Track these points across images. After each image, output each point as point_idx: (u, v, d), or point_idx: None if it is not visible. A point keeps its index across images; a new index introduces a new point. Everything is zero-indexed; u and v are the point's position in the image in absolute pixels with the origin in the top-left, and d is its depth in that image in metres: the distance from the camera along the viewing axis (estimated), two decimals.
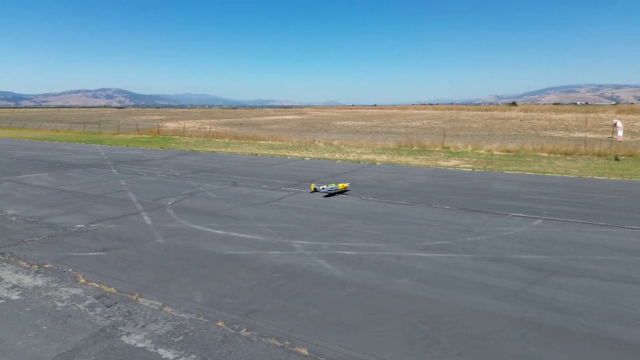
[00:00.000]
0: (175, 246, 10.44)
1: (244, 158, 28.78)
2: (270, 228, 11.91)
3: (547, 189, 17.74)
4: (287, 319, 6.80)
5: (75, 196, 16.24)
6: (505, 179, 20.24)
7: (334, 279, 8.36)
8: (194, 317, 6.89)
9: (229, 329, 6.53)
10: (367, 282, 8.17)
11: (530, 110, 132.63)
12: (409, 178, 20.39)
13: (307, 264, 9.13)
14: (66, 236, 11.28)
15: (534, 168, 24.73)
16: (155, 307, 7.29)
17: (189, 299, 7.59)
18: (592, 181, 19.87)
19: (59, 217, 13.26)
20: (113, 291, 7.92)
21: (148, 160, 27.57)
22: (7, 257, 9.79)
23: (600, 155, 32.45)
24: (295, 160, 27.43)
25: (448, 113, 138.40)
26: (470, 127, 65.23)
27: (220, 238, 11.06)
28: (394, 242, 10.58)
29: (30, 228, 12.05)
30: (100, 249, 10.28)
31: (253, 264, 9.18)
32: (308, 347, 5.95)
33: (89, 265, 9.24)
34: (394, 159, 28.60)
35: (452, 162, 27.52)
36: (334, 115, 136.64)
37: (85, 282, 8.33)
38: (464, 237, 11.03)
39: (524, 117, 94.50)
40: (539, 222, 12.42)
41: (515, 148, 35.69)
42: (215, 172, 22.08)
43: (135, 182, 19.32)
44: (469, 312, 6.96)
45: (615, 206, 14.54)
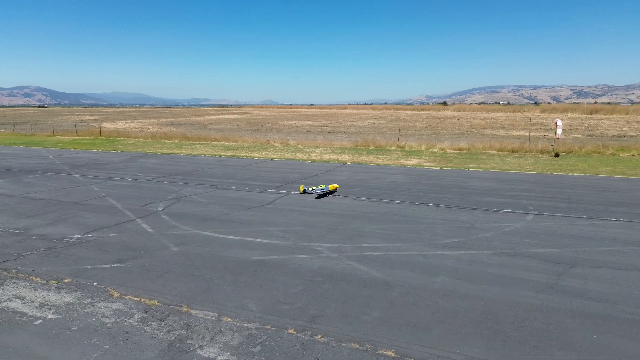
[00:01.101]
0: (195, 254, 10.13)
1: (209, 160, 28.10)
2: (281, 232, 11.83)
3: (519, 185, 18.85)
4: (353, 323, 6.86)
5: (50, 204, 15.20)
6: (476, 177, 21.25)
7: (376, 280, 8.50)
8: (260, 326, 6.78)
9: (302, 335, 6.49)
10: (409, 282, 8.38)
11: (462, 110, 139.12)
12: (387, 177, 20.89)
13: (341, 267, 9.20)
14: (67, 248, 10.60)
15: (491, 165, 26.09)
16: (213, 318, 7.08)
17: (243, 307, 7.44)
18: (554, 177, 21.34)
19: (45, 227, 12.39)
20: (157, 304, 7.60)
21: (107, 163, 26.21)
22: (13, 272, 9.06)
23: (543, 152, 34.73)
24: (264, 162, 27.20)
25: (387, 113, 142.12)
26: (415, 127, 67.45)
27: (237, 244, 10.84)
28: (411, 242, 10.88)
29: (21, 240, 11.18)
30: (115, 260, 9.76)
31: (287, 269, 9.11)
32: (394, 349, 6.06)
33: (113, 277, 8.77)
34: (358, 159, 29.08)
35: (413, 161, 28.41)
36: (276, 114, 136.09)
37: (120, 296, 7.91)
38: (473, 234, 11.54)
39: (460, 117, 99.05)
40: (531, 218, 13.23)
41: (466, 146, 37.37)
42: (188, 175, 21.43)
43: (108, 187, 18.36)
44: (521, 306, 7.36)
45: (587, 200, 15.75)
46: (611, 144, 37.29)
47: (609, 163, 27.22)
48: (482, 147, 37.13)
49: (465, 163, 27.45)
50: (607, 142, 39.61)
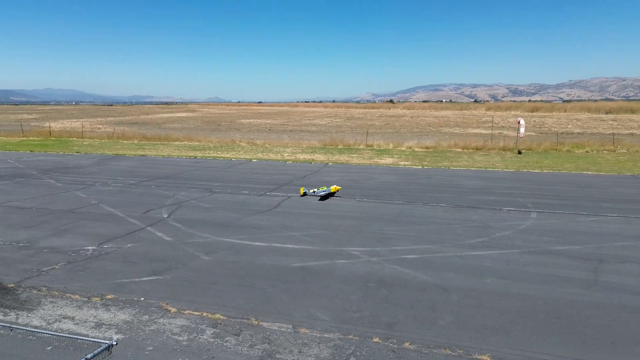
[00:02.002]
0: (230, 262, 9.89)
1: (185, 162, 27.30)
2: (305, 236, 11.76)
3: (504, 183, 19.67)
4: (431, 328, 6.97)
5: (41, 213, 14.29)
6: (460, 175, 21.93)
7: (429, 284, 8.66)
8: (342, 336, 6.75)
9: (389, 344, 6.53)
10: (462, 285, 8.60)
11: (412, 108, 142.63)
12: (377, 177, 21.16)
13: (387, 271, 9.29)
14: (89, 261, 10.03)
15: (463, 163, 27.00)
16: (288, 330, 6.97)
17: (313, 317, 7.36)
18: (531, 174, 22.41)
19: (51, 239, 11.66)
20: (221, 317, 7.37)
21: (77, 167, 24.87)
22: (44, 290, 8.49)
23: (505, 150, 36.31)
24: (244, 163, 26.76)
25: (339, 111, 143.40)
26: (374, 125, 68.51)
27: (267, 250, 10.67)
28: (439, 243, 11.13)
29: (32, 254, 10.46)
30: (149, 272, 9.35)
31: (334, 275, 9.09)
32: (488, 354, 6.22)
33: (157, 291, 8.41)
34: (333, 158, 29.21)
35: (388, 160, 28.92)
36: (228, 112, 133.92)
37: (178, 311, 7.61)
38: (492, 233, 11.97)
39: (412, 115, 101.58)
40: (536, 215, 13.88)
41: (432, 145, 38.40)
42: (173, 179, 20.75)
43: (94, 193, 17.46)
44: (578, 304, 7.75)
45: (574, 196, 16.70)
46: (565, 140, 39.49)
47: (570, 159, 28.90)
48: (448, 145, 38.23)
49: (439, 161, 28.25)
50: (558, 139, 41.98)
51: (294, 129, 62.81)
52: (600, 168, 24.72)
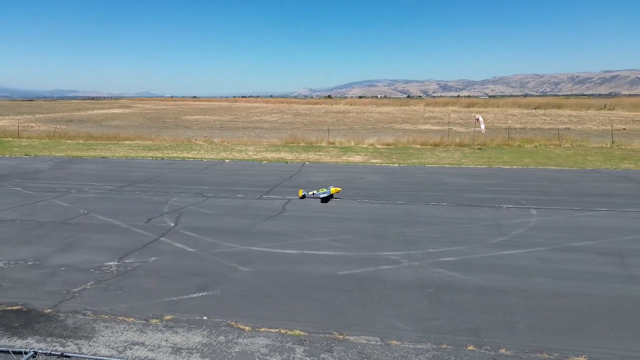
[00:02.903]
0: (273, 273, 9.62)
1: (154, 163, 26.06)
2: (332, 242, 11.66)
3: (486, 180, 20.52)
4: (516, 332, 7.13)
5: (30, 226, 13.14)
6: (439, 173, 22.61)
7: (484, 286, 8.88)
8: (435, 346, 6.80)
9: (485, 351, 6.65)
10: (515, 285, 8.90)
11: (355, 104, 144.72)
12: (363, 177, 21.31)
13: (436, 276, 9.43)
14: (120, 279, 9.38)
15: (429, 160, 27.83)
16: (378, 342, 6.91)
17: (394, 327, 7.35)
18: (504, 170, 23.52)
19: (61, 255, 10.77)
20: (302, 333, 7.17)
21: (37, 172, 23.03)
22: (90, 314, 7.85)
23: (461, 145, 37.83)
24: (219, 163, 25.97)
25: (282, 106, 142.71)
26: (325, 122, 68.81)
27: (304, 258, 10.49)
28: (466, 244, 11.44)
29: (50, 274, 9.62)
30: (195, 288, 8.90)
31: (388, 282, 9.10)
32: (585, 355, 6.49)
33: (216, 309, 8.03)
34: (302, 157, 29.08)
35: (357, 158, 29.26)
36: (167, 108, 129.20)
37: (253, 329, 7.31)
38: (509, 231, 12.48)
39: (358, 111, 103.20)
40: (535, 212, 14.61)
41: (392, 141, 39.20)
42: (153, 183, 19.77)
43: (76, 201, 16.29)
44: (629, 299, 8.25)
45: (558, 192, 17.74)
46: (514, 136, 41.72)
47: (525, 154, 30.62)
48: (407, 141, 39.16)
49: (406, 158, 28.95)
50: (504, 134, 44.32)
51: (246, 126, 61.82)
52: (558, 163, 26.42)
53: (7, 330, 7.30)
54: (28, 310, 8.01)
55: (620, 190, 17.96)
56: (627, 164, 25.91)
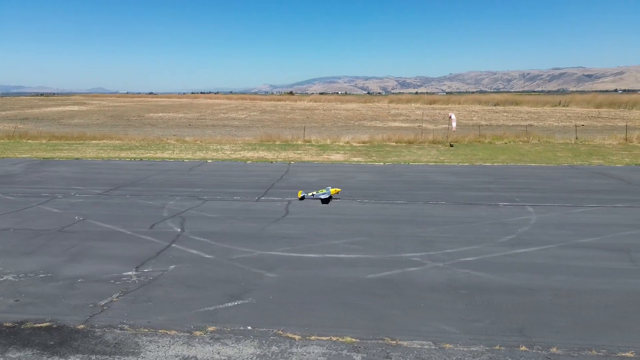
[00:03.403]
0: (301, 278, 9.57)
1: (134, 165, 25.24)
2: (349, 244, 11.69)
3: (472, 177, 21.03)
4: (559, 331, 7.35)
5: (27, 235, 12.52)
6: (426, 171, 23.00)
7: (513, 286, 9.12)
8: (487, 348, 6.94)
9: (536, 351, 6.84)
10: (541, 284, 9.18)
11: (318, 100, 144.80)
12: (353, 176, 21.40)
13: (462, 276, 9.62)
14: (146, 289, 9.09)
15: (409, 158, 28.20)
16: (431, 346, 7.01)
17: (442, 331, 7.46)
18: (487, 167, 24.19)
19: (72, 265, 10.32)
20: (354, 340, 7.17)
21: (9, 175, 21.90)
22: (128, 329, 7.57)
23: (435, 143, 38.53)
24: (202, 164, 25.44)
25: (246, 103, 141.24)
26: (295, 119, 68.61)
27: (327, 262, 10.47)
28: (479, 243, 11.72)
29: (68, 287, 9.21)
30: (226, 296, 8.74)
31: (420, 285, 9.21)
32: (632, 351, 6.76)
33: (257, 317, 7.91)
34: (282, 156, 28.91)
35: (338, 156, 29.36)
36: (127, 105, 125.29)
37: (304, 338, 7.26)
38: (514, 230, 12.87)
39: (324, 108, 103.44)
40: (532, 210, 15.13)
41: (367, 139, 39.45)
42: (140, 186, 19.19)
43: (67, 207, 15.62)
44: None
45: (544, 189, 18.42)
46: (485, 133, 42.88)
47: (499, 151, 31.55)
48: (382, 139, 39.49)
49: (385, 156, 29.32)
50: (472, 131, 45.53)
51: (215, 124, 60.82)
52: (533, 159, 27.41)
53: (44, 350, 6.95)
54: (59, 326, 7.65)
55: (602, 186, 18.85)
56: (596, 160, 27.18)
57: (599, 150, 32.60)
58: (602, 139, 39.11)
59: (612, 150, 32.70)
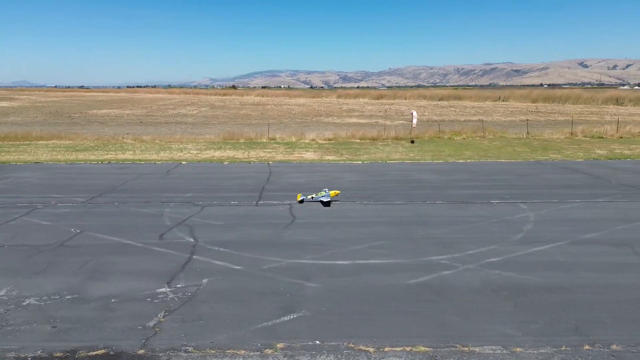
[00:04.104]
0: (342, 287, 9.58)
1: (106, 168, 23.94)
2: (373, 249, 11.78)
3: (454, 175, 21.68)
4: (609, 327, 7.85)
5: (27, 252, 11.65)
6: (404, 169, 23.47)
7: (548, 285, 9.57)
8: (556, 349, 7.28)
9: (599, 349, 7.28)
10: (572, 282, 9.71)
11: (266, 95, 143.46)
12: (340, 176, 21.41)
13: (495, 277, 9.98)
14: (190, 307, 8.76)
15: (378, 156, 28.66)
16: (502, 351, 7.27)
17: (505, 334, 7.74)
18: (462, 164, 25.04)
19: (97, 284, 9.75)
20: (427, 349, 7.32)
21: None
22: (193, 351, 7.30)
23: (398, 139, 39.35)
24: (178, 166, 24.49)
25: (190, 97, 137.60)
26: (249, 115, 67.69)
27: (361, 268, 10.52)
28: (496, 243, 12.14)
29: (103, 308, 8.71)
30: (277, 309, 8.60)
31: (461, 288, 9.47)
32: None
33: (319, 331, 7.86)
34: (252, 155, 28.46)
35: (310, 155, 29.34)
36: (61, 100, 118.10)
37: (378, 350, 7.31)
38: (520, 227, 13.47)
39: (275, 103, 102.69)
40: (525, 207, 15.87)
41: (332, 136, 39.66)
42: (123, 192, 18.27)
43: (54, 217, 14.65)
44: None
45: (524, 185, 19.37)
46: (439, 128, 44.17)
47: (462, 147, 32.67)
48: (346, 136, 39.86)
49: (356, 154, 29.69)
50: (431, 127, 46.93)
51: (167, 121, 58.76)
52: (497, 155, 28.73)
53: None
54: (117, 353, 7.23)
55: (575, 181, 20.11)
56: (553, 154, 28.92)
57: (551, 144, 34.63)
58: (550, 133, 41.62)
59: (562, 144, 34.85)
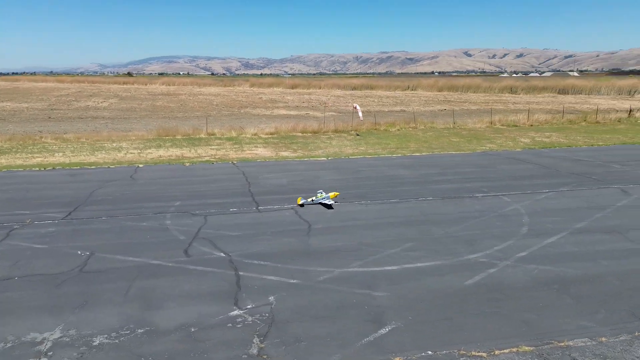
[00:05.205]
0: (410, 292, 9.95)
1: (53, 176, 21.65)
2: (405, 251, 12.23)
3: (424, 170, 22.72)
4: None
5: (46, 283, 10.50)
6: (372, 165, 24.13)
7: (586, 276, 10.69)
8: (631, 335, 8.31)
9: None
10: (600, 271, 10.95)
11: (172, 84, 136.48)
12: (319, 175, 21.32)
13: (537, 273, 10.89)
14: (278, 329, 8.61)
15: (331, 150, 29.19)
16: (593, 342, 8.12)
17: (582, 327, 8.61)
18: (423, 158, 26.29)
19: (158, 315, 9.15)
20: (529, 349, 7.97)
21: None
22: None
23: (339, 132, 40.05)
24: (138, 170, 22.87)
25: (88, 87, 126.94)
26: (169, 108, 64.50)
27: (412, 274, 10.92)
28: (509, 238, 13.18)
29: (187, 339, 8.28)
30: (369, 324, 8.77)
31: (516, 285, 10.23)
32: None
33: (423, 340, 8.21)
34: (201, 154, 27.48)
35: (261, 151, 29.02)
36: None
37: (489, 354, 7.83)
38: (519, 221, 14.71)
39: (188, 92, 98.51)
40: (508, 199, 17.29)
41: (274, 130, 39.29)
42: (99, 204, 16.84)
43: (46, 239, 13.22)
44: None
45: (491, 177, 20.98)
46: (379, 120, 45.66)
47: (402, 139, 34.04)
48: (287, 130, 39.70)
49: (309, 149, 29.97)
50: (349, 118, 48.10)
51: (80, 116, 54.17)
52: (440, 146, 30.53)
53: None
54: None
55: (530, 172, 22.17)
56: (489, 144, 31.45)
57: (478, 134, 37.41)
58: (473, 123, 44.94)
59: (487, 133, 37.85)
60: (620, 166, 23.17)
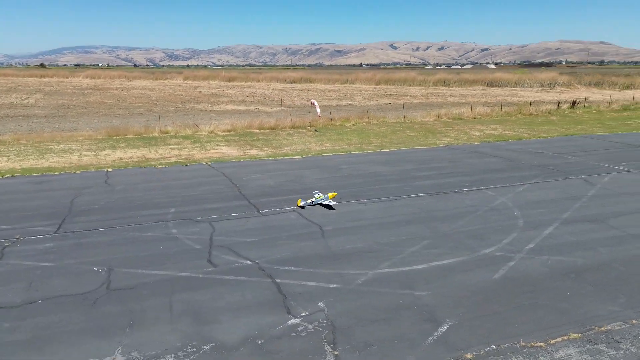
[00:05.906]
0: (445, 290, 10.48)
1: (16, 184, 20.07)
2: (424, 249, 12.77)
3: (402, 166, 23.51)
4: None
5: (77, 304, 9.95)
6: (349, 162, 24.57)
7: (594, 264, 11.76)
8: None
9: None
10: (606, 259, 12.07)
11: (97, 77, 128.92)
12: (304, 175, 21.32)
13: (552, 263, 11.82)
14: (344, 336, 8.84)
15: (298, 147, 29.47)
16: (627, 325, 9.07)
17: (610, 311, 9.58)
18: (395, 154, 27.12)
19: (216, 329, 9.05)
20: (577, 336, 8.76)
21: None
22: None
23: (297, 127, 40.07)
24: (110, 175, 21.68)
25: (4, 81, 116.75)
26: (105, 104, 61.03)
27: (440, 271, 11.45)
28: (510, 231, 14.13)
29: (259, 351, 8.31)
30: (427, 324, 9.22)
31: (538, 277, 11.09)
32: None
33: (481, 336, 8.78)
34: (164, 154, 26.69)
35: (226, 151, 28.66)
36: None
37: (546, 343, 8.52)
38: (511, 214, 15.77)
39: (119, 87, 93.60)
40: (492, 193, 18.39)
41: (230, 127, 38.60)
42: (87, 215, 15.93)
43: (51, 256, 12.38)
44: None
45: (464, 172, 22.10)
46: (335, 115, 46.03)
47: (363, 134, 34.73)
48: (246, 126, 39.19)
49: (274, 146, 30.02)
50: (300, 112, 48.47)
51: (7, 114, 49.85)
52: (402, 141, 31.61)
53: None
54: None
55: (496, 165, 23.64)
56: (446, 139, 32.96)
57: (430, 127, 39.07)
58: (422, 117, 46.72)
59: (438, 126, 39.60)
60: (573, 157, 25.31)
